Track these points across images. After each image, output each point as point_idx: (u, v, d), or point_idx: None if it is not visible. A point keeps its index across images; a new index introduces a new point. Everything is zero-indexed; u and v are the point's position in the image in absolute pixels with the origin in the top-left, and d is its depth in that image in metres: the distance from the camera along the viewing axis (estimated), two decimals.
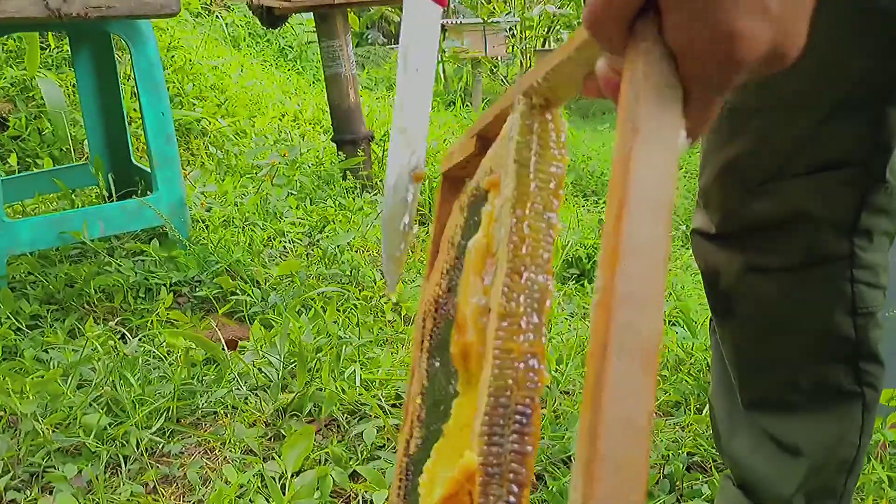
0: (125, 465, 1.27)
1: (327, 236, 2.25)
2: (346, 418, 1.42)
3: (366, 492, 1.21)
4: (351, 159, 2.83)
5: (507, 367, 0.36)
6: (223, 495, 1.15)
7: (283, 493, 1.18)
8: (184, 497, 1.23)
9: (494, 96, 6.40)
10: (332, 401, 1.41)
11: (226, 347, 1.55)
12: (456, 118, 4.93)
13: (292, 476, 1.22)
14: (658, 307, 0.28)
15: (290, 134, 3.13)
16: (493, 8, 7.16)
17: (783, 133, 0.86)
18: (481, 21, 6.69)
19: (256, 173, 2.62)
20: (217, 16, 4.82)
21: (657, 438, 1.40)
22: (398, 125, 0.79)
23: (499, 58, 7.27)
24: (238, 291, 1.85)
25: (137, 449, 1.29)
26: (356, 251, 2.24)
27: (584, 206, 3.42)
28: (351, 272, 2.02)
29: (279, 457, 1.26)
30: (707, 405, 1.26)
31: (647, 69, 0.33)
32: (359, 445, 1.34)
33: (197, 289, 1.90)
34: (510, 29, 7.46)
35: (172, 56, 3.48)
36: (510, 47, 7.67)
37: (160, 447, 1.32)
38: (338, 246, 2.12)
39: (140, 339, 1.60)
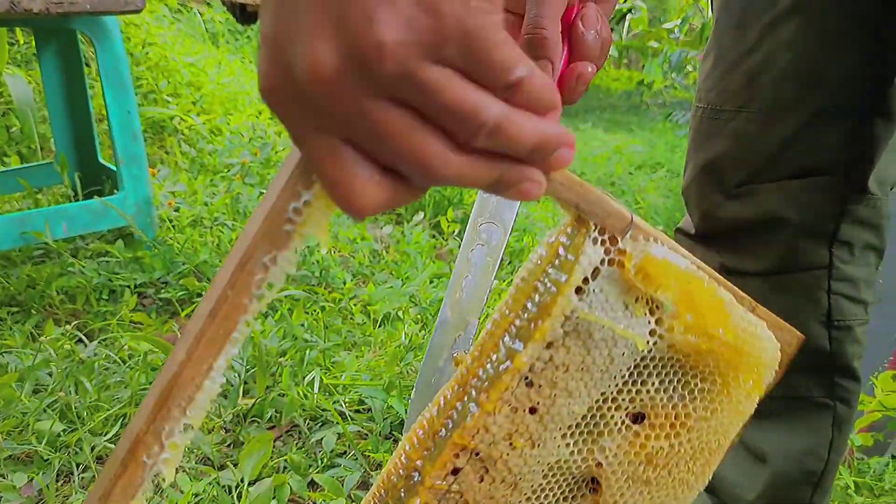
0: (78, 473, 1.23)
1: None
2: (308, 424, 1.39)
3: (323, 501, 1.18)
4: None
5: None
6: None
7: (238, 502, 1.15)
8: None
9: None
10: (293, 406, 1.38)
11: None
12: None
13: (249, 484, 1.19)
14: None
15: (266, 132, 3.08)
16: None
17: (762, 136, 0.85)
18: None
19: (228, 171, 2.58)
20: (196, 12, 4.77)
21: None
22: (453, 297, 0.73)
23: None
24: (204, 293, 1.81)
25: (92, 456, 1.26)
26: (327, 252, 2.21)
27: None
28: (321, 273, 1.99)
29: (236, 465, 1.23)
30: None
31: None
32: (318, 452, 1.31)
33: (162, 290, 1.86)
34: None
35: (147, 52, 3.43)
36: None
37: None
38: (307, 246, 2.09)
39: (100, 343, 1.57)
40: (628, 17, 7.53)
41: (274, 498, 1.18)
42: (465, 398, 0.40)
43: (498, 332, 0.40)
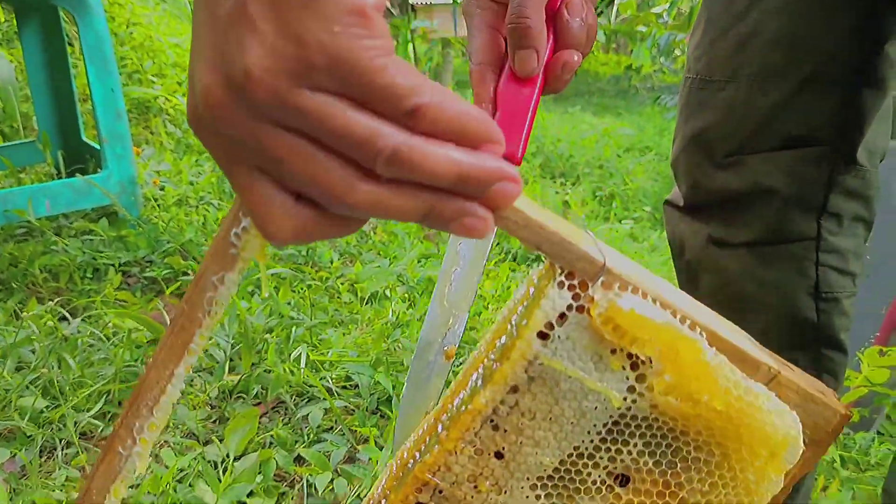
0: (61, 449, 1.22)
1: None
2: (294, 400, 1.38)
3: (310, 475, 1.18)
4: None
5: None
6: (161, 480, 1.11)
7: (222, 479, 1.14)
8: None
9: (466, 76, 6.35)
10: (279, 382, 1.37)
11: None
12: None
13: (234, 460, 1.19)
14: None
15: None
16: None
17: (751, 106, 0.85)
18: (451, 1, 6.62)
19: None
20: None
21: None
22: (442, 292, 0.72)
23: None
24: (190, 272, 1.80)
25: (75, 432, 1.24)
26: None
27: (550, 188, 3.39)
28: (307, 252, 1.98)
29: (222, 440, 1.22)
30: None
31: None
32: (305, 428, 1.30)
33: (147, 269, 1.84)
34: None
35: (131, 33, 3.39)
36: None
37: (99, 431, 1.28)
38: None
39: (84, 320, 1.55)
40: (616, 1, 7.52)
41: (260, 473, 1.17)
42: (434, 432, 0.39)
43: (471, 370, 0.39)
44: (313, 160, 0.29)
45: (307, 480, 1.17)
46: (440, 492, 0.39)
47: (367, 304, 1.79)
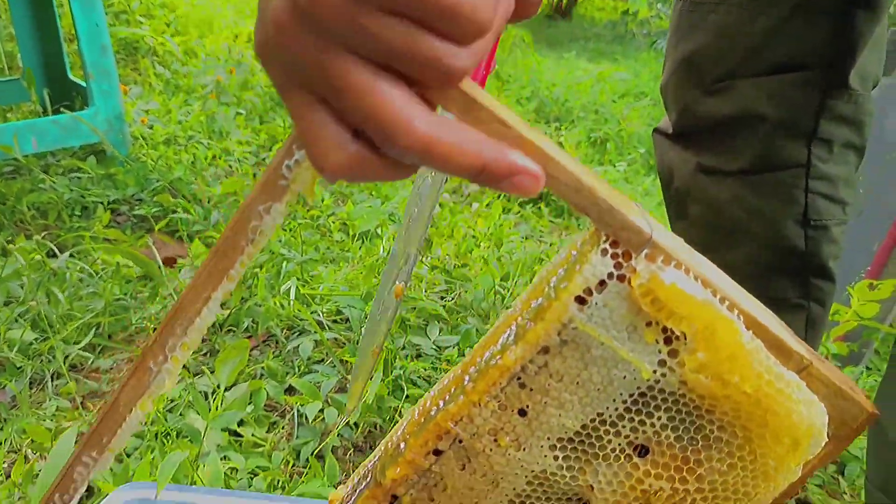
0: (51, 381, 1.22)
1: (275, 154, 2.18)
2: (285, 334, 1.38)
3: (301, 405, 1.18)
4: None
5: None
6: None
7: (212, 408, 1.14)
8: None
9: None
10: (269, 316, 1.37)
11: (162, 265, 1.50)
12: None
13: (225, 390, 1.19)
14: None
15: (242, 54, 3.01)
16: None
17: (742, 29, 0.83)
18: None
19: (203, 90, 2.52)
20: None
21: None
22: (401, 231, 0.70)
23: None
24: (179, 210, 1.78)
25: (65, 364, 1.24)
26: None
27: (546, 133, 3.36)
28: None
29: (213, 372, 1.22)
30: None
31: None
32: (295, 360, 1.30)
33: (136, 207, 1.83)
34: None
35: None
36: None
37: (89, 363, 1.28)
38: None
39: (72, 256, 1.54)
40: None
41: (251, 403, 1.17)
42: (461, 384, 0.39)
43: (503, 327, 0.39)
44: (373, 91, 0.29)
45: (297, 410, 1.18)
46: (460, 441, 0.39)
47: (358, 241, 1.78)
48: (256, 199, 0.36)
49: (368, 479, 0.42)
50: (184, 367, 1.26)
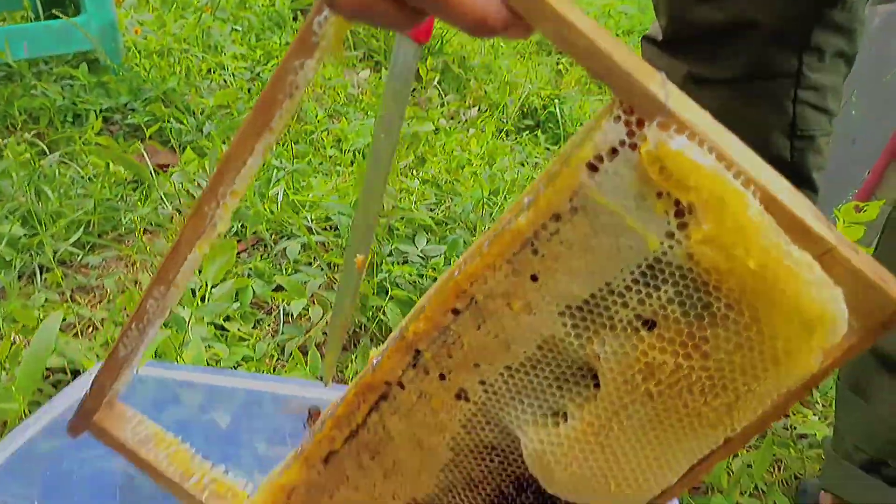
0: (40, 275, 1.23)
1: (270, 70, 2.16)
2: (273, 238, 1.39)
3: (286, 302, 1.19)
4: None
5: None
6: (135, 298, 1.13)
7: (202, 304, 1.16)
8: (100, 304, 1.21)
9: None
10: (257, 219, 1.38)
11: (153, 170, 1.50)
12: None
13: (212, 287, 1.20)
14: None
15: None
16: None
17: None
18: None
19: (198, 2, 2.48)
20: None
21: None
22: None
23: None
24: (171, 120, 1.78)
25: (55, 259, 1.25)
26: None
27: (545, 64, 3.32)
28: None
29: (200, 272, 1.23)
30: None
31: None
32: (283, 262, 1.32)
33: (128, 116, 1.82)
34: None
35: None
36: None
37: (78, 259, 1.29)
38: None
39: (63, 159, 1.54)
40: None
41: (237, 300, 1.19)
42: (480, 249, 0.40)
43: (524, 196, 0.40)
44: None
45: (283, 308, 1.19)
46: (475, 302, 0.40)
47: (349, 154, 1.78)
48: (291, 56, 0.39)
49: (397, 336, 0.44)
50: None
